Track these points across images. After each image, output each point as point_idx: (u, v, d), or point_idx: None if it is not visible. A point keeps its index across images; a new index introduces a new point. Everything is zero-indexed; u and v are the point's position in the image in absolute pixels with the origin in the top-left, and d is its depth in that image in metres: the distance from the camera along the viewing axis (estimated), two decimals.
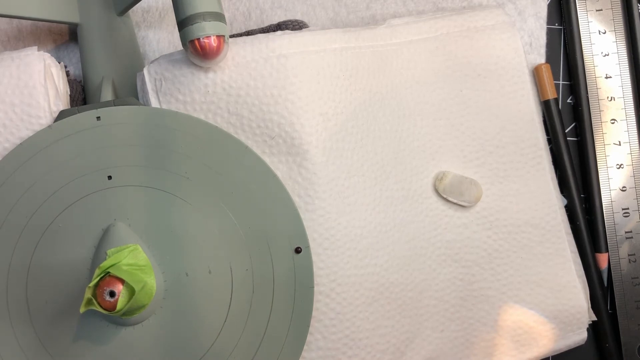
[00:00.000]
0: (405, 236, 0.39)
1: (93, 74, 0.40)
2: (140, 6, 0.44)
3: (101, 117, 0.36)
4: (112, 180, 0.36)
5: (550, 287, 0.42)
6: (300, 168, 0.37)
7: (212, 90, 0.37)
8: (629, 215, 0.44)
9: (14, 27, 0.44)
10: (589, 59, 0.45)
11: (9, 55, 0.37)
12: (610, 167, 0.44)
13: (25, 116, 0.36)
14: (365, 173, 0.39)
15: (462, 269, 0.41)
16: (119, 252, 0.33)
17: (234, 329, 0.35)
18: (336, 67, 0.38)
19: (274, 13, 0.45)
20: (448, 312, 0.41)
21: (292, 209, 0.36)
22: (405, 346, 0.39)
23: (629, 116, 0.45)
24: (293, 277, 0.36)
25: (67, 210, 0.35)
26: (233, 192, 0.36)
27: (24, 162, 0.36)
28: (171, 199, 0.36)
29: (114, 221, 0.35)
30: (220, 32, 0.34)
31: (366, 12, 0.46)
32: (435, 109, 0.42)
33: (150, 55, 0.44)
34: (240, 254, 0.36)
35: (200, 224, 0.36)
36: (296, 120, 0.37)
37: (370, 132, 0.39)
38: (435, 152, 0.42)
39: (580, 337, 0.42)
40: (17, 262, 0.35)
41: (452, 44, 0.42)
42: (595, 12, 0.45)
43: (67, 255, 0.35)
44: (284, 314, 0.36)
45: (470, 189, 0.41)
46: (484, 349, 0.41)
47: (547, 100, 0.44)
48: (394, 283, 0.38)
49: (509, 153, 0.42)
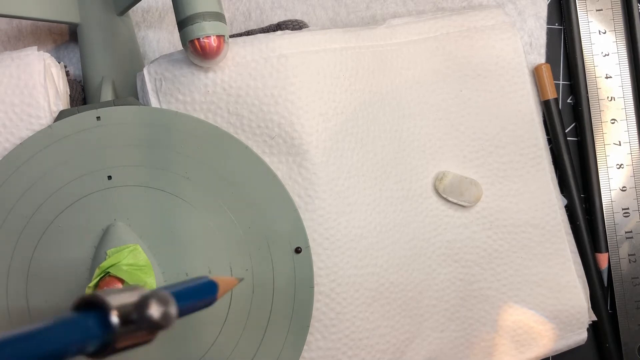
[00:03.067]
0: (405, 236, 0.39)
1: (93, 74, 0.40)
2: (140, 6, 0.44)
3: (101, 117, 0.36)
4: (112, 180, 0.36)
5: (550, 287, 0.42)
6: (300, 168, 0.37)
7: (212, 90, 0.37)
8: (629, 215, 0.44)
9: (14, 27, 0.44)
10: (589, 59, 0.45)
11: (9, 55, 0.37)
12: (611, 167, 0.44)
13: (25, 116, 0.36)
14: (366, 173, 0.39)
15: (462, 269, 0.41)
16: (118, 252, 0.33)
17: (233, 329, 0.35)
18: (336, 67, 0.38)
19: (274, 13, 0.45)
20: (448, 312, 0.41)
21: (292, 209, 0.36)
22: (405, 346, 0.39)
23: (629, 116, 0.45)
24: (293, 277, 0.36)
25: (67, 210, 0.35)
26: (233, 192, 0.36)
27: (24, 162, 0.36)
28: (171, 199, 0.36)
29: (114, 221, 0.35)
30: (220, 32, 0.34)
31: (366, 12, 0.46)
32: (435, 109, 0.42)
33: (150, 55, 0.44)
34: (240, 254, 0.36)
35: (200, 224, 0.36)
36: (296, 120, 0.37)
37: (370, 132, 0.39)
38: (435, 152, 0.42)
39: (580, 337, 0.42)
40: (17, 262, 0.35)
41: (452, 44, 0.42)
42: (595, 12, 0.45)
43: (67, 255, 0.35)
44: (284, 314, 0.36)
45: (470, 189, 0.41)
46: (484, 349, 0.41)
47: (547, 100, 0.44)
48: (394, 283, 0.38)
49: (508, 153, 0.42)
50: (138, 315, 0.21)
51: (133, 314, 0.21)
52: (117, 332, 0.20)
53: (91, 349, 0.20)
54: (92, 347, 0.20)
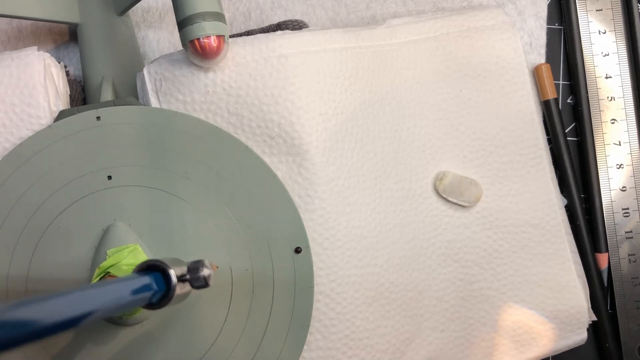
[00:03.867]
0: (405, 236, 0.39)
1: (93, 74, 0.40)
2: (140, 6, 0.44)
3: (101, 117, 0.36)
4: (112, 180, 0.36)
5: (550, 287, 0.42)
6: (300, 168, 0.37)
7: (212, 90, 0.37)
8: (629, 215, 0.44)
9: (14, 27, 0.44)
10: (589, 59, 0.45)
11: (9, 55, 0.37)
12: (611, 167, 0.44)
13: (25, 116, 0.36)
14: (366, 173, 0.39)
15: (462, 269, 0.41)
16: (119, 252, 0.33)
17: (233, 328, 0.35)
18: (336, 67, 0.38)
19: (274, 13, 0.45)
20: (448, 312, 0.41)
21: (292, 209, 0.36)
22: (405, 346, 0.39)
23: (629, 116, 0.45)
24: (293, 277, 0.36)
25: (67, 210, 0.35)
26: (233, 192, 0.36)
27: (24, 162, 0.36)
28: (171, 199, 0.36)
29: (114, 221, 0.35)
30: (220, 32, 0.34)
31: (366, 12, 0.46)
32: (435, 109, 0.42)
33: (150, 55, 0.44)
34: (240, 254, 0.36)
35: (200, 224, 0.36)
36: (296, 120, 0.37)
37: (370, 132, 0.39)
38: (435, 152, 0.42)
39: (580, 337, 0.42)
40: (17, 262, 0.35)
41: (452, 44, 0.42)
42: (595, 12, 0.45)
43: (67, 255, 0.35)
44: (284, 314, 0.36)
45: (470, 189, 0.41)
46: (484, 349, 0.41)
47: (547, 100, 0.44)
48: (394, 283, 0.38)
49: (508, 153, 0.42)
50: (191, 275, 0.29)
51: (186, 275, 0.29)
52: (174, 287, 0.28)
53: (155, 299, 0.27)
54: (155, 298, 0.27)
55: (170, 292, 0.28)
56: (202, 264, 0.29)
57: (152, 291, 0.27)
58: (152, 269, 0.28)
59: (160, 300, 0.28)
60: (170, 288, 0.28)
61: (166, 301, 0.28)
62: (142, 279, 0.27)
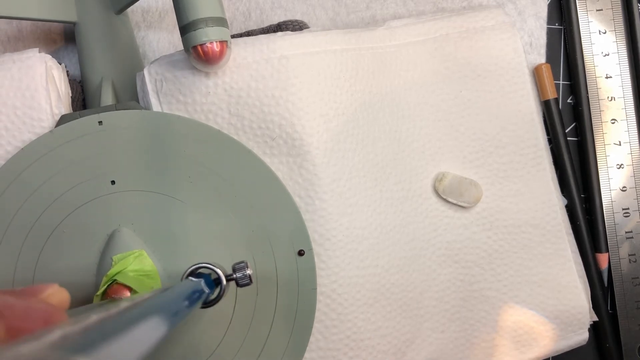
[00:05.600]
0: (405, 237, 0.39)
1: (92, 74, 0.40)
2: (140, 6, 0.44)
3: (103, 122, 0.36)
4: (115, 185, 0.36)
5: (551, 287, 0.42)
6: (301, 169, 0.37)
7: (213, 92, 0.37)
8: (629, 215, 0.44)
9: (14, 28, 0.43)
10: (589, 59, 0.45)
11: (10, 58, 0.37)
12: (611, 167, 0.45)
13: (27, 119, 0.36)
14: (366, 174, 0.39)
15: (462, 270, 0.41)
16: (124, 259, 0.33)
17: (238, 331, 0.36)
18: (337, 68, 0.38)
19: (274, 13, 0.45)
20: (448, 313, 0.41)
21: (295, 211, 0.36)
22: (406, 347, 0.39)
23: (629, 116, 0.45)
24: (296, 279, 0.36)
25: (71, 215, 0.35)
26: (236, 195, 0.36)
27: (26, 168, 0.35)
28: (175, 203, 0.36)
29: (119, 226, 0.35)
30: (223, 38, 0.34)
31: (366, 12, 0.46)
32: (434, 109, 0.42)
33: (150, 56, 0.44)
34: (244, 256, 0.36)
35: (204, 228, 0.36)
36: (297, 121, 0.37)
37: (370, 133, 0.39)
38: (435, 152, 0.42)
39: (581, 337, 0.42)
40: (22, 267, 0.35)
41: (452, 45, 0.42)
42: (596, 12, 0.45)
43: (72, 260, 0.35)
44: (287, 316, 0.36)
45: (470, 190, 0.41)
46: (485, 350, 0.41)
47: (547, 100, 0.44)
48: (395, 284, 0.39)
49: (508, 153, 0.42)
50: (238, 274, 0.32)
51: (232, 274, 0.32)
52: (225, 286, 0.32)
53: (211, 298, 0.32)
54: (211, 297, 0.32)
55: (221, 291, 0.32)
56: (245, 264, 0.32)
57: (207, 293, 0.31)
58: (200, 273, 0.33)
59: (212, 300, 0.32)
60: (221, 288, 0.32)
61: (217, 299, 0.32)
62: (196, 283, 0.31)
